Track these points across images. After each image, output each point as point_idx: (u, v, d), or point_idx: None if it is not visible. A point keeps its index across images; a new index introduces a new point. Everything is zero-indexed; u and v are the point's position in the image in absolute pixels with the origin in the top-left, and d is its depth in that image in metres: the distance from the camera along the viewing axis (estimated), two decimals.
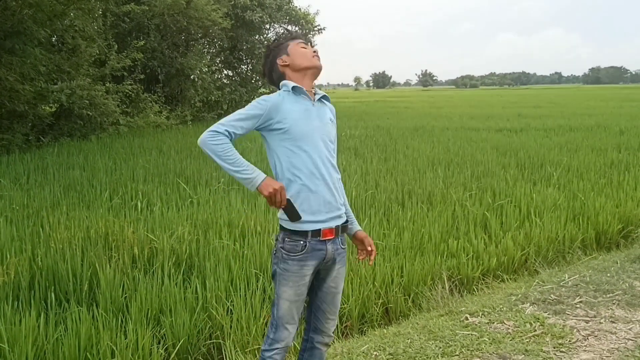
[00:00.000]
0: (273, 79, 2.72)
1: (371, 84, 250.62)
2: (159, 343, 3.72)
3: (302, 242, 2.51)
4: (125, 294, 4.21)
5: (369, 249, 2.77)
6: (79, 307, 3.86)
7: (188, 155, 11.26)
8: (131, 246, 5.09)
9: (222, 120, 2.45)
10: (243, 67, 29.39)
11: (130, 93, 18.02)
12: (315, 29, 30.51)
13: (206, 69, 24.47)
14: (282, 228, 2.57)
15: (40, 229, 5.59)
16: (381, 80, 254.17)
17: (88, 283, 4.37)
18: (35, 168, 9.64)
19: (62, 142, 14.25)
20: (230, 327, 3.90)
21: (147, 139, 14.63)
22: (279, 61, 2.65)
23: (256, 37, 27.97)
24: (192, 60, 21.89)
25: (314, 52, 2.67)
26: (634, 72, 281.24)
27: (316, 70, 2.65)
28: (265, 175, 2.43)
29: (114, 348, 3.46)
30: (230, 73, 29.20)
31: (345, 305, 4.29)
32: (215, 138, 2.39)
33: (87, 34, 15.81)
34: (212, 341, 3.90)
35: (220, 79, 27.51)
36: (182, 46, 22.58)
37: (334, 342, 3.96)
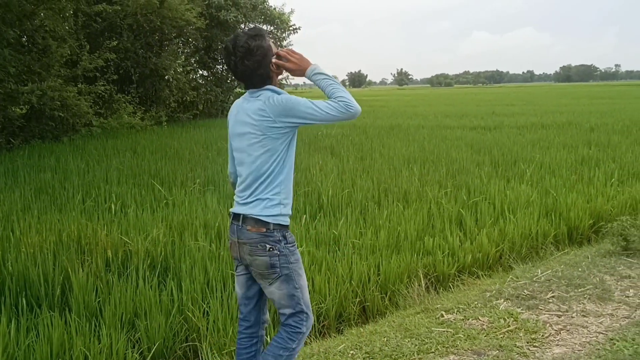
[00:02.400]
0: (258, 73, 2.61)
1: (347, 83, 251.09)
2: (134, 347, 3.68)
3: (291, 233, 2.74)
4: (99, 298, 4.16)
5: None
6: (51, 313, 3.80)
7: (163, 156, 11.16)
8: (105, 249, 5.02)
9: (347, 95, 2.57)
10: (218, 67, 29.18)
11: (103, 94, 17.76)
12: (291, 28, 30.47)
13: (181, 69, 24.27)
14: (279, 226, 2.63)
15: (11, 234, 5.47)
16: (357, 80, 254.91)
17: (60, 288, 4.30)
18: (5, 171, 9.45)
19: (33, 144, 14.00)
20: (207, 329, 3.87)
21: (121, 140, 14.45)
22: (273, 64, 2.64)
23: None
24: (166, 61, 21.67)
25: None
26: (603, 70, 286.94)
27: None
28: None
29: (88, 353, 3.41)
30: (205, 73, 28.98)
31: (323, 305, 4.30)
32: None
33: (58, 34, 15.53)
34: (188, 344, 3.87)
35: (196, 79, 27.27)
36: (156, 46, 22.35)
37: (311, 341, 3.97)
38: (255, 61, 2.56)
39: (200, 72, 28.78)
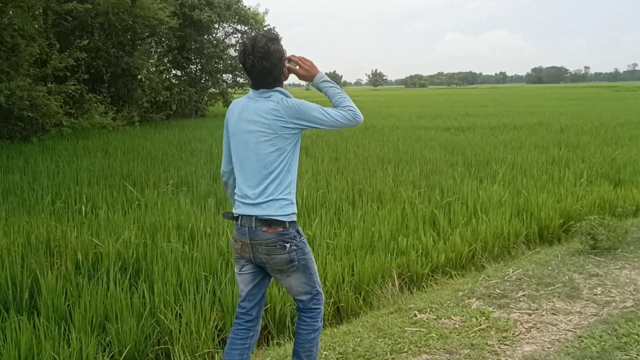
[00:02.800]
0: (273, 75, 2.72)
1: None
2: (104, 351, 3.62)
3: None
4: (69, 301, 4.08)
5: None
6: (19, 317, 3.72)
7: (135, 157, 11.02)
8: (74, 251, 4.94)
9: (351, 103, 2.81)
10: (192, 67, 28.96)
11: (73, 93, 17.44)
12: (265, 28, 30.34)
13: (154, 69, 23.99)
14: (293, 223, 2.76)
15: None
16: (332, 80, 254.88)
17: (29, 291, 4.22)
18: None
19: (2, 144, 13.72)
20: (180, 331, 3.83)
21: (92, 141, 14.24)
22: (286, 68, 2.80)
23: (205, 37, 27.61)
24: (138, 60, 21.40)
25: None
26: (573, 72, 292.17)
27: None
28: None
29: (57, 357, 3.35)
30: (178, 73, 28.73)
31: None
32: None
33: (27, 33, 15.26)
34: (160, 347, 3.83)
35: (169, 78, 27.01)
36: (128, 45, 22.07)
37: (284, 343, 3.96)
38: (273, 63, 2.67)
39: (174, 71, 28.53)
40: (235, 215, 2.80)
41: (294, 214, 2.77)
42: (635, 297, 4.48)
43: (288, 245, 2.71)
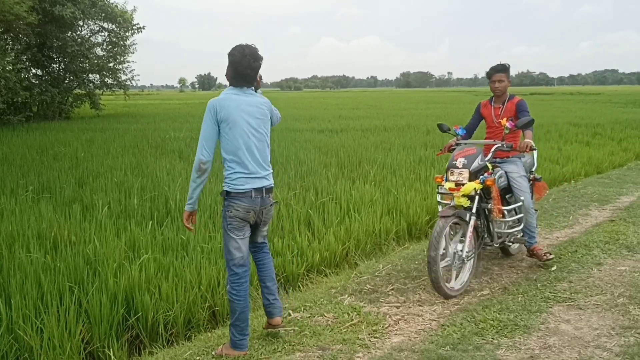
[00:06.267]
0: (256, 76, 3.60)
1: (197, 86, 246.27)
2: None
3: None
4: None
5: None
6: None
7: None
8: None
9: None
10: (54, 65, 27.12)
11: None
12: (134, 27, 29.13)
13: (10, 67, 22.15)
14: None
15: None
16: (207, 82, 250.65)
17: None
18: None
19: None
20: (41, 347, 3.59)
21: None
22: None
23: (68, 34, 25.97)
24: None
25: None
26: (438, 77, 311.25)
27: None
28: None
29: None
30: (39, 72, 26.77)
31: (170, 312, 4.18)
32: None
33: None
34: None
35: (28, 78, 25.05)
36: None
37: (156, 352, 3.84)
38: (259, 66, 3.56)
39: (34, 70, 26.54)
40: (243, 190, 3.43)
41: None
42: (490, 285, 4.87)
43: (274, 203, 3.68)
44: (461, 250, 4.63)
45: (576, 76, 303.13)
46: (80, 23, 27.10)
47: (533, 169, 5.66)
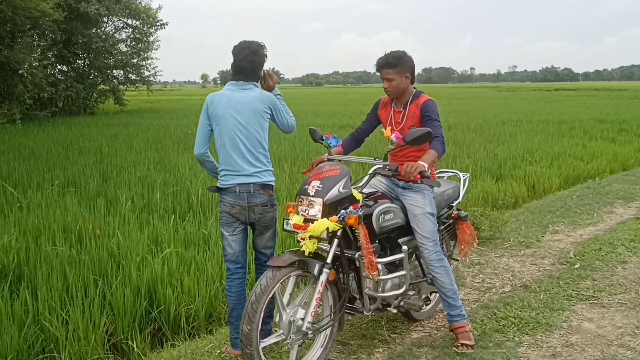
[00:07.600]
0: (257, 70, 3.55)
1: (219, 81, 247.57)
2: None
3: None
4: None
5: None
6: None
7: (17, 157, 10.32)
8: None
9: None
10: (79, 62, 27.51)
11: None
12: (158, 24, 29.40)
13: (36, 63, 22.53)
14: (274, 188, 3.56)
15: None
16: (229, 78, 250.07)
17: None
18: None
19: None
20: (66, 338, 3.66)
21: None
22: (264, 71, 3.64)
23: (93, 31, 26.32)
24: (19, 54, 19.99)
25: None
26: (460, 73, 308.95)
27: None
28: None
29: None
30: (64, 68, 27.18)
31: (192, 306, 4.22)
32: None
33: None
34: (45, 355, 3.63)
35: (54, 74, 25.45)
36: (8, 38, 20.59)
37: (178, 345, 3.89)
38: (259, 61, 3.52)
39: (59, 67, 26.95)
40: (227, 186, 3.43)
41: (274, 180, 3.51)
42: (512, 282, 4.84)
43: (275, 205, 3.50)
44: (301, 319, 3.08)
45: (602, 71, 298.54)
46: (105, 19, 27.45)
47: (454, 204, 4.13)
